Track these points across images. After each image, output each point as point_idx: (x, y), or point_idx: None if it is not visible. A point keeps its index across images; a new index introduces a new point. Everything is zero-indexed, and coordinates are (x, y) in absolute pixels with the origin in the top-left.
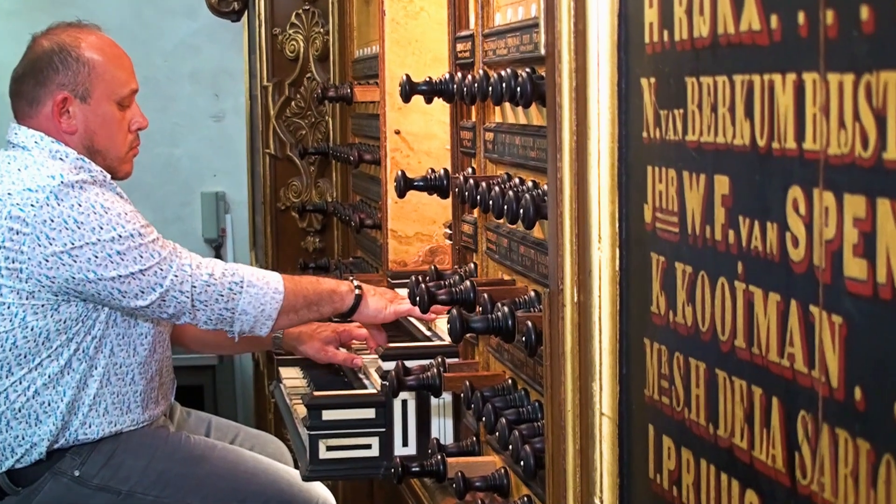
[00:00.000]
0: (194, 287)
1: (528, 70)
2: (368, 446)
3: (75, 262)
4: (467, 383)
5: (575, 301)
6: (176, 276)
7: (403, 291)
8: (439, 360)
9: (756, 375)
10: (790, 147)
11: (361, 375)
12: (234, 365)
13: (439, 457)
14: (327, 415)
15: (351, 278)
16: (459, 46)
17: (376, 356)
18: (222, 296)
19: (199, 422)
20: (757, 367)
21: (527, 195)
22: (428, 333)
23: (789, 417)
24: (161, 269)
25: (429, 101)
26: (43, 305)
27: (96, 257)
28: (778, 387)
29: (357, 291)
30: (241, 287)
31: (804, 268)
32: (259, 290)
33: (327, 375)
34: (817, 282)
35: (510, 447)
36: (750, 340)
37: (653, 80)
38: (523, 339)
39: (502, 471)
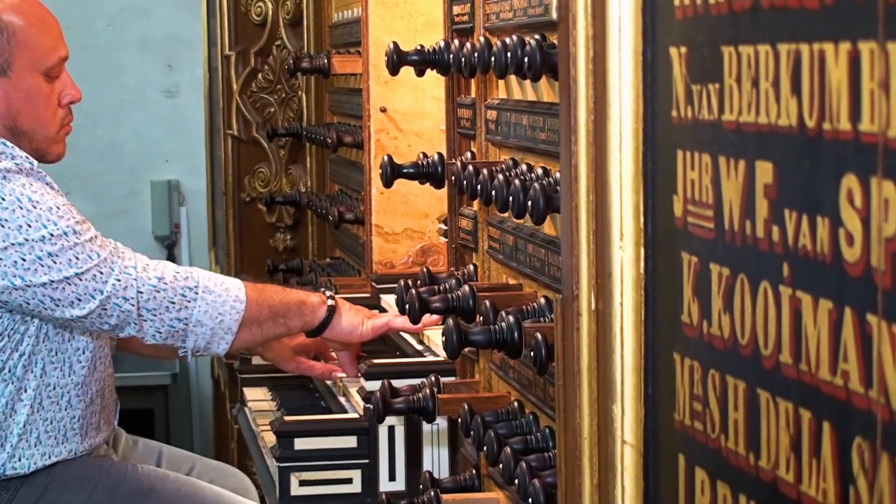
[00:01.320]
0: (140, 293)
1: (537, 37)
2: (349, 480)
3: None
4: (466, 406)
5: (592, 309)
6: (118, 280)
7: (390, 298)
8: (432, 378)
9: (804, 396)
10: (844, 129)
11: (341, 397)
12: (189, 385)
13: (432, 493)
14: (300, 443)
15: (323, 289)
16: (456, 9)
17: (356, 376)
18: (174, 303)
19: (149, 452)
20: (805, 386)
21: (536, 185)
22: (419, 347)
23: (843, 445)
24: (101, 273)
25: (420, 73)
26: None
27: (24, 260)
28: (829, 409)
29: (330, 303)
30: (196, 293)
31: (860, 270)
32: (217, 297)
33: (300, 397)
34: (875, 286)
35: (516, 481)
36: (797, 355)
37: (684, 49)
38: (531, 354)
39: None
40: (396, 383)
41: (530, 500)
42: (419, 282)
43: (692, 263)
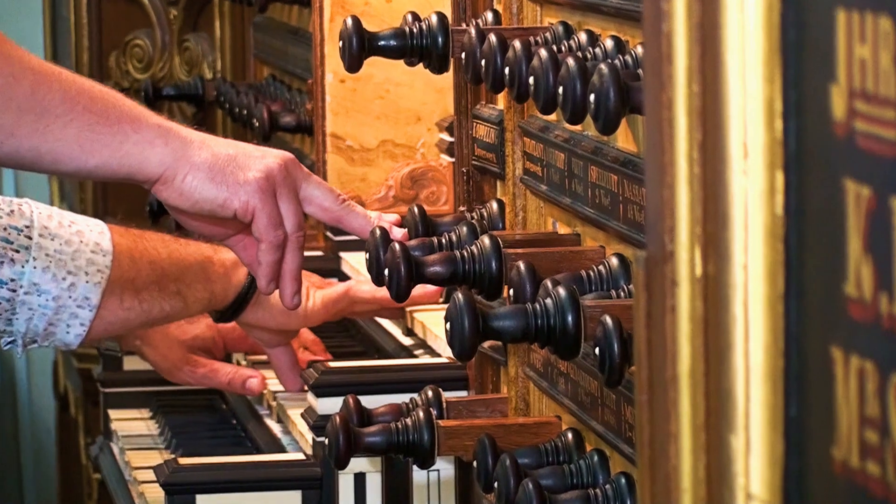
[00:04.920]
0: None
1: None
2: None
3: None
4: (486, 440)
5: (697, 275)
6: None
7: (357, 258)
8: (429, 394)
9: None
10: None
11: (274, 424)
12: (17, 406)
13: None
14: (206, 503)
15: None
16: None
17: (300, 389)
18: None
19: None
20: None
21: (602, 67)
22: (407, 341)
23: None
24: None
25: None
26: None
27: None
28: None
29: None
30: (30, 237)
31: None
32: (65, 244)
33: (205, 424)
34: None
35: None
36: None
37: None
38: (596, 351)
39: None
40: (368, 402)
41: None
42: (407, 230)
43: (862, 198)
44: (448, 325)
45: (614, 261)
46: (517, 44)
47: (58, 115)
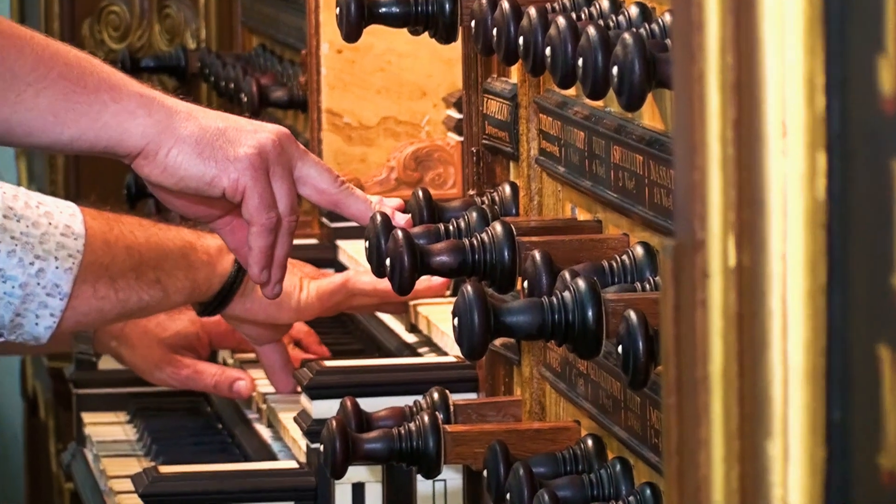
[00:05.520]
0: None
1: None
2: None
3: None
4: (497, 447)
5: (731, 266)
6: None
7: (355, 246)
8: (435, 396)
9: None
10: None
11: (264, 429)
12: None
13: None
14: None
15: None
16: None
17: (292, 390)
18: None
19: None
20: None
21: (626, 36)
22: (410, 339)
23: None
24: None
25: None
26: None
27: None
28: None
29: None
30: None
31: None
32: (32, 226)
33: (188, 429)
34: None
35: None
36: None
37: None
38: (619, 349)
39: None
40: (368, 405)
41: None
42: (411, 216)
43: None
44: (456, 320)
45: (639, 250)
46: (532, 11)
47: (30, 83)
